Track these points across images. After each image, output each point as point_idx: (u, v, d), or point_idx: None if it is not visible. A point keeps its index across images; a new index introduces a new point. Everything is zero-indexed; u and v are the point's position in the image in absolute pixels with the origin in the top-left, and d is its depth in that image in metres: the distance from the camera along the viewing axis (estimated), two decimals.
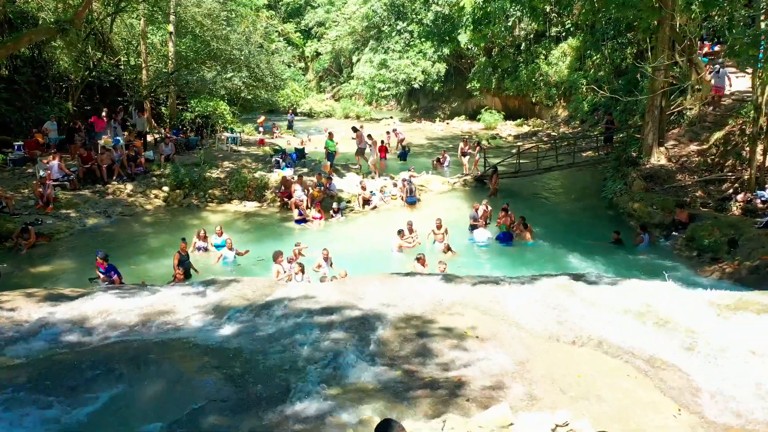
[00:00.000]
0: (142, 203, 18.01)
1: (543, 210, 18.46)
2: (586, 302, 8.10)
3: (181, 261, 12.66)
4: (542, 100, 37.81)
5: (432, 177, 21.52)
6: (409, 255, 14.44)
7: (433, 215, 17.77)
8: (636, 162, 18.46)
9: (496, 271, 13.37)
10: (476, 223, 16.00)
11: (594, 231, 16.35)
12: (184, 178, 18.64)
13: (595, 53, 34.87)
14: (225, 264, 13.71)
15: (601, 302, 8.13)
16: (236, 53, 23.93)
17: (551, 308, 7.94)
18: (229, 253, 13.75)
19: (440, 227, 15.07)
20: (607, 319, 7.48)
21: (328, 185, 18.15)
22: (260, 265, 13.65)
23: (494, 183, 19.56)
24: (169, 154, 20.50)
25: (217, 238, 14.31)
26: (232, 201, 18.69)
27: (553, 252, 14.77)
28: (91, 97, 27.68)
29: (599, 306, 7.94)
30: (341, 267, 13.27)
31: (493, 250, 15.11)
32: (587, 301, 8.13)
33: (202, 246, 14.26)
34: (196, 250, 14.19)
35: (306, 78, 54.74)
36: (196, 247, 14.22)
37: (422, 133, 35.45)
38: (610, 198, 18.19)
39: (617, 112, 30.54)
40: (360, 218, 17.74)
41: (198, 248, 14.23)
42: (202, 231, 14.38)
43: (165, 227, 16.45)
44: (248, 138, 28.64)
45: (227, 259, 13.76)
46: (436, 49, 39.20)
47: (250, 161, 22.23)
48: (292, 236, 15.91)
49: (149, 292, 8.92)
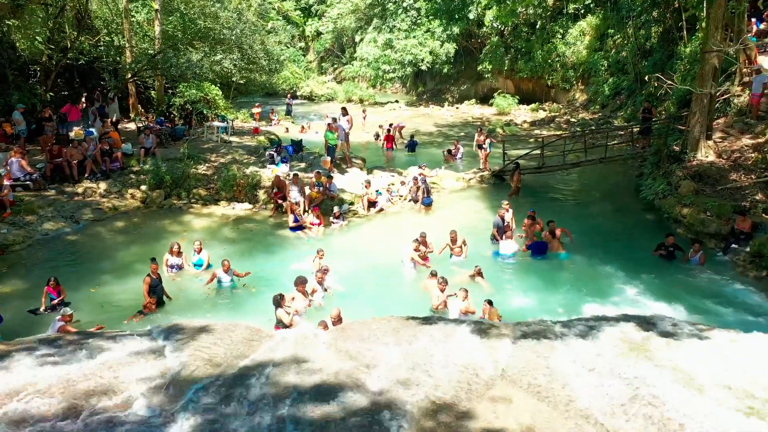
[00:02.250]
0: (116, 205, 15.80)
1: (572, 213, 16.19)
2: (678, 379, 5.90)
3: (153, 287, 10.50)
4: (558, 82, 35.34)
5: (444, 172, 19.25)
6: (421, 272, 12.27)
7: (447, 219, 15.61)
8: (680, 158, 16.14)
9: (528, 295, 11.23)
10: (502, 234, 13.75)
11: (634, 239, 14.14)
12: (165, 176, 16.40)
13: (618, 32, 32.31)
14: (219, 287, 11.43)
15: (699, 377, 5.93)
16: (226, 33, 21.48)
17: (631, 389, 5.76)
18: (225, 276, 11.42)
19: (456, 240, 12.85)
20: (725, 419, 5.27)
21: (329, 185, 15.91)
22: (253, 286, 11.48)
23: (516, 181, 17.29)
24: (149, 147, 18.22)
25: (195, 254, 12.11)
26: (219, 202, 16.47)
27: (591, 267, 12.57)
28: (70, 82, 25.42)
29: (701, 386, 5.75)
30: (340, 291, 11.12)
31: (520, 265, 12.91)
32: (680, 377, 5.93)
33: (176, 263, 12.04)
34: (167, 269, 11.99)
35: (306, 59, 52.10)
36: (168, 264, 12.01)
37: (430, 119, 33.04)
38: (650, 199, 15.90)
39: (641, 96, 28.17)
40: (364, 224, 15.51)
41: (171, 266, 12.02)
42: (175, 245, 12.13)
43: (140, 235, 14.26)
44: (242, 126, 26.29)
45: (223, 283, 11.44)
46: (446, 27, 36.56)
47: (243, 154, 19.94)
48: (285, 248, 13.74)
49: (88, 352, 6.75)
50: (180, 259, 12.06)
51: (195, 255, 12.11)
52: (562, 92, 35.48)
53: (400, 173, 18.99)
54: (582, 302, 10.90)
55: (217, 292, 11.37)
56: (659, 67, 27.85)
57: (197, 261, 12.05)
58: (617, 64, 31.58)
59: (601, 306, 10.70)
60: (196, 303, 10.82)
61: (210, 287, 11.36)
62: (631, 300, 11.06)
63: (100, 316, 10.32)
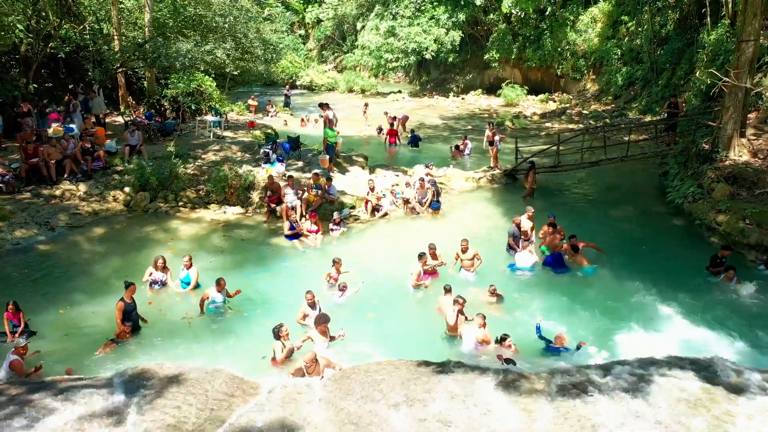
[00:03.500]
0: (97, 209, 14.54)
1: (592, 217, 14.87)
2: None
3: (127, 313, 9.22)
4: (569, 72, 33.87)
5: (452, 171, 17.90)
6: (426, 291, 11.01)
7: (456, 225, 14.35)
8: (710, 157, 14.79)
9: (550, 316, 9.96)
10: (518, 243, 12.47)
11: (664, 249, 12.82)
12: (150, 177, 15.11)
13: (631, 19, 30.78)
14: (211, 311, 10.06)
15: None
16: (219, 20, 20.05)
17: None
18: (217, 296, 10.08)
19: (467, 250, 11.56)
20: None
21: (328, 188, 14.60)
22: (244, 309, 10.20)
23: (531, 182, 15.95)
24: (135, 144, 16.89)
25: (184, 270, 10.82)
26: (209, 205, 15.19)
27: (618, 283, 11.26)
28: (55, 73, 24.04)
29: None
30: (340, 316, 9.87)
31: (540, 281, 11.62)
32: None
33: (160, 279, 10.78)
34: (151, 285, 10.73)
35: (306, 47, 50.53)
36: (152, 279, 10.74)
37: (435, 110, 31.61)
38: (678, 203, 14.58)
39: (657, 87, 26.73)
40: (367, 231, 14.20)
41: (154, 282, 10.75)
42: (160, 259, 10.83)
43: (121, 245, 12.98)
44: (237, 119, 24.93)
45: (215, 304, 10.09)
46: (451, 14, 34.99)
47: (236, 150, 18.62)
48: (280, 260, 12.46)
49: (29, 420, 5.50)
50: (165, 275, 10.77)
51: (183, 271, 10.80)
52: (573, 82, 34.01)
53: (405, 172, 17.65)
54: (613, 327, 9.63)
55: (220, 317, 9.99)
56: (677, 56, 26.43)
57: (185, 278, 10.76)
58: (631, 53, 30.09)
59: (635, 332, 9.45)
60: (178, 330, 9.56)
61: (195, 308, 10.08)
62: (668, 323, 9.79)
63: (67, 345, 9.09)
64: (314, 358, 7.71)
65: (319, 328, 8.69)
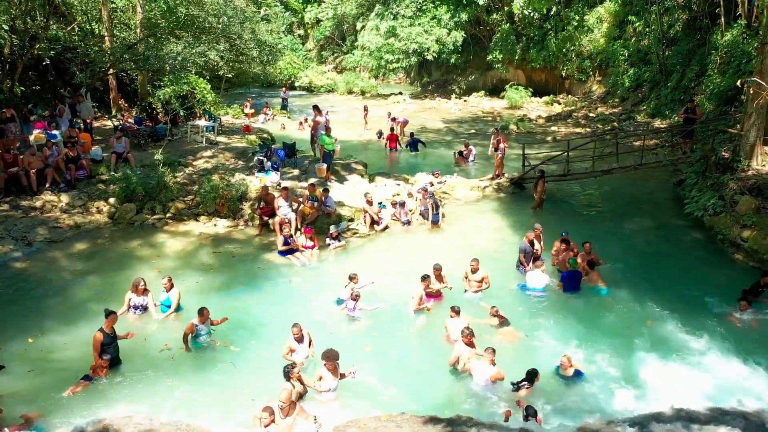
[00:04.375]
0: (79, 222, 13.67)
1: (604, 231, 13.97)
2: None
3: (105, 345, 8.33)
4: (574, 73, 32.98)
5: (456, 180, 17.00)
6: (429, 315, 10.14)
7: (461, 239, 13.50)
8: (731, 166, 13.91)
9: (566, 343, 9.10)
10: (530, 261, 11.60)
11: (685, 267, 11.97)
12: (137, 187, 14.23)
13: (638, 19, 29.87)
14: (196, 344, 9.09)
15: None
16: (212, 21, 19.15)
17: None
18: (202, 328, 9.14)
19: (476, 271, 10.68)
20: None
21: (324, 199, 13.71)
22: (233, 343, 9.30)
23: (540, 192, 15.05)
24: (122, 151, 16.01)
25: (164, 293, 9.95)
26: (199, 217, 14.30)
27: (639, 307, 10.39)
28: (44, 75, 23.16)
29: None
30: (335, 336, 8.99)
31: (553, 303, 10.73)
32: None
33: (141, 304, 9.89)
34: (131, 310, 9.85)
35: (305, 47, 49.65)
36: (131, 305, 9.86)
37: (437, 113, 30.72)
38: (698, 216, 13.69)
39: (667, 90, 25.84)
40: (366, 245, 13.31)
41: (134, 307, 9.87)
42: (141, 282, 9.91)
43: (103, 262, 12.10)
44: (232, 123, 24.03)
45: (200, 336, 9.14)
46: (453, 14, 34.08)
47: (229, 157, 17.73)
48: (273, 280, 11.56)
49: None
50: (145, 299, 9.88)
51: (163, 293, 9.94)
52: (578, 84, 33.12)
53: (406, 180, 16.76)
54: (637, 360, 8.76)
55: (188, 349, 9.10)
56: (687, 58, 25.56)
57: (165, 300, 9.88)
58: (638, 54, 29.19)
59: (662, 366, 8.57)
60: (159, 364, 8.65)
61: (176, 337, 9.19)
62: (697, 355, 8.88)
63: (33, 381, 8.22)
64: (290, 397, 6.91)
65: (327, 365, 7.75)
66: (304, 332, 8.73)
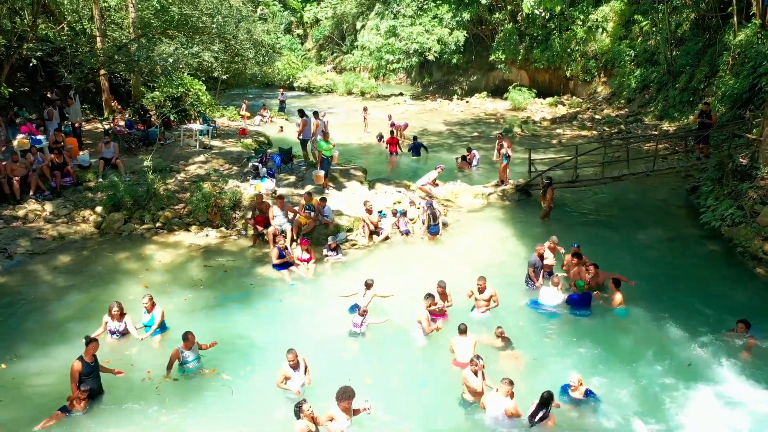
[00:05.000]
0: (63, 232, 13.00)
1: (615, 242, 13.27)
2: None
3: (84, 375, 7.63)
4: (578, 74, 32.28)
5: (460, 187, 16.31)
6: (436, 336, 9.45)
7: (465, 250, 12.85)
8: (749, 174, 13.24)
9: (583, 371, 8.38)
10: (539, 276, 10.93)
11: (705, 283, 11.29)
12: (124, 196, 13.55)
13: (644, 18, 29.16)
14: (183, 371, 8.39)
15: None
16: (206, 20, 18.45)
17: None
18: (188, 354, 8.42)
19: (484, 289, 10.00)
20: None
21: (322, 208, 13.03)
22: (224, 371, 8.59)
23: (548, 201, 14.36)
24: (110, 157, 15.33)
25: (146, 314, 9.26)
26: (191, 227, 13.62)
27: (659, 330, 9.65)
28: (33, 76, 22.47)
29: None
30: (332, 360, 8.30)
31: (565, 323, 10.04)
32: None
33: (117, 329, 9.14)
34: (107, 335, 9.14)
35: (304, 47, 48.94)
36: (108, 330, 9.14)
37: (438, 115, 30.01)
38: (715, 226, 13.01)
39: (675, 91, 25.13)
40: (366, 258, 12.61)
41: (112, 332, 9.14)
42: (115, 306, 9.13)
43: (87, 277, 11.42)
44: (228, 125, 23.35)
45: (187, 363, 8.42)
46: (455, 13, 33.38)
47: (223, 163, 17.06)
48: (267, 297, 10.86)
49: None
50: (122, 324, 9.15)
51: (145, 314, 9.25)
52: (583, 85, 32.43)
53: (407, 187, 16.08)
54: (663, 390, 8.09)
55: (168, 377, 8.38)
56: (696, 58, 24.87)
57: (148, 322, 9.20)
58: (645, 54, 28.48)
59: (684, 396, 7.91)
60: (142, 394, 7.95)
61: (159, 363, 8.51)
62: (727, 383, 8.17)
63: (2, 414, 7.55)
64: None
65: (341, 404, 6.96)
66: (300, 358, 8.06)
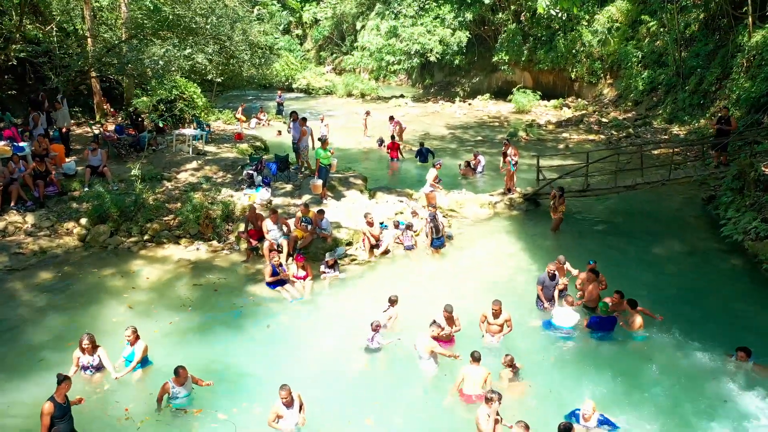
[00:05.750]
0: (45, 246, 12.23)
1: (630, 257, 12.48)
2: None
3: (57, 418, 6.84)
4: (583, 75, 31.50)
5: (465, 196, 15.53)
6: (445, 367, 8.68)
7: (472, 266, 12.09)
8: None
9: (604, 404, 7.61)
10: (549, 296, 10.18)
11: (728, 303, 10.53)
12: (110, 208, 12.79)
13: (652, 18, 28.38)
14: (176, 405, 7.62)
15: None
16: (199, 21, 17.69)
17: None
18: (179, 390, 7.66)
19: (499, 314, 9.23)
20: None
21: (320, 221, 12.26)
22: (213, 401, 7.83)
23: (559, 212, 13.59)
24: (97, 165, 14.57)
25: (128, 346, 8.44)
26: (180, 240, 12.86)
27: (685, 357, 8.88)
28: (22, 78, 21.72)
29: None
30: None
31: (580, 347, 9.28)
32: None
33: (91, 364, 8.24)
34: (81, 372, 8.23)
35: (303, 48, 48.14)
36: (81, 366, 8.24)
37: (440, 117, 29.22)
38: (737, 240, 12.24)
39: (685, 94, 24.36)
40: (366, 275, 11.83)
41: (85, 368, 8.24)
42: (85, 339, 8.15)
43: (69, 296, 10.66)
44: (224, 130, 22.58)
45: (177, 399, 7.66)
46: (457, 13, 32.58)
47: (217, 170, 16.29)
48: (260, 319, 10.08)
49: None
50: (95, 358, 8.24)
51: (127, 347, 8.41)
52: (588, 86, 31.66)
53: (410, 196, 15.31)
54: (686, 427, 7.34)
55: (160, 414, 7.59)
56: (707, 60, 24.10)
57: (129, 355, 8.36)
58: (652, 55, 27.70)
59: None
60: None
61: (139, 399, 7.75)
62: (758, 417, 7.47)
63: None
64: None
65: None
66: (294, 394, 7.30)
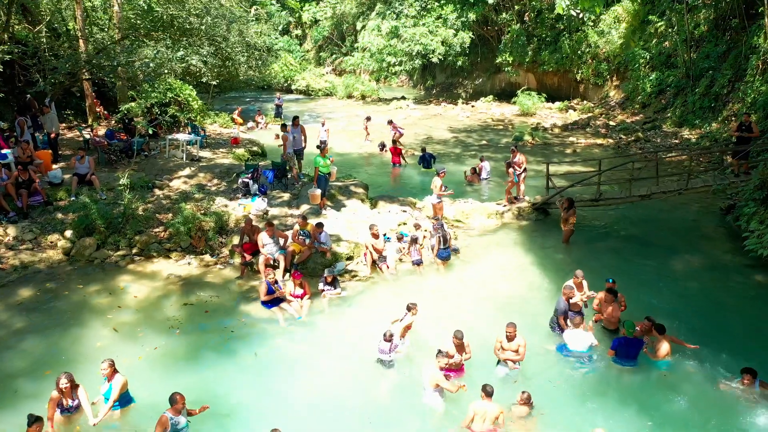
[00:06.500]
0: (27, 261, 11.53)
1: (649, 273, 11.75)
2: None
3: None
4: (589, 77, 30.83)
5: (472, 206, 14.80)
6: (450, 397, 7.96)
7: (480, 282, 11.37)
8: None
9: None
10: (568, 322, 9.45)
11: (756, 324, 9.82)
12: (97, 219, 12.09)
13: (660, 18, 27.68)
14: None
15: None
16: (194, 21, 16.99)
17: None
18: (179, 420, 6.95)
19: (513, 338, 8.50)
20: None
21: (318, 235, 11.55)
22: None
23: (570, 224, 12.86)
24: (85, 173, 13.87)
25: (105, 382, 7.64)
26: (171, 254, 12.15)
27: (714, 390, 8.14)
28: (11, 81, 20.98)
29: None
30: None
31: (600, 375, 8.58)
32: None
33: (71, 406, 7.41)
34: (57, 412, 7.38)
35: (303, 48, 47.46)
36: (59, 408, 7.40)
37: (443, 120, 28.52)
38: (762, 255, 11.52)
39: (695, 96, 23.63)
40: (368, 291, 11.10)
41: (63, 409, 7.40)
42: (63, 378, 7.26)
43: (49, 316, 9.94)
44: (220, 134, 21.88)
45: (177, 430, 6.95)
46: (460, 14, 31.88)
47: (211, 178, 15.59)
48: (253, 342, 9.36)
49: None
50: (74, 399, 7.42)
51: (104, 383, 7.62)
52: (594, 88, 30.99)
53: (413, 205, 14.61)
54: None
55: None
56: (718, 61, 23.40)
57: (107, 392, 7.58)
58: (660, 56, 26.99)
59: None
60: None
61: None
62: None
63: None
64: None
65: None
66: None
